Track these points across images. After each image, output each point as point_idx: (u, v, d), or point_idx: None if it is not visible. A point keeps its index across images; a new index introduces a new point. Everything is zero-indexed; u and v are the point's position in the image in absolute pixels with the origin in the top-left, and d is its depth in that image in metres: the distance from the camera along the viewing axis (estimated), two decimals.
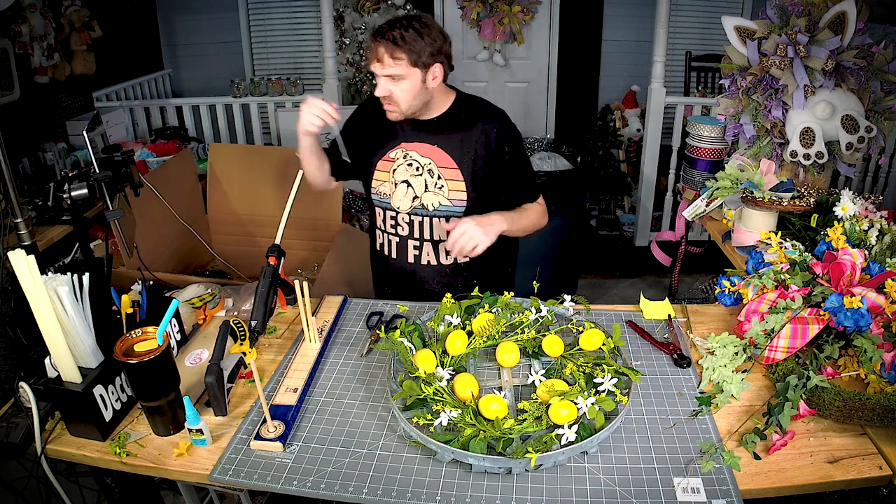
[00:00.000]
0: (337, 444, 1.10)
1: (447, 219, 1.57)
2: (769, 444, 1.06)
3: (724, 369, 1.21)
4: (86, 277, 1.12)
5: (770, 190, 1.70)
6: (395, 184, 1.60)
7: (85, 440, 1.12)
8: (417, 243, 1.63)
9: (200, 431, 1.09)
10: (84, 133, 1.40)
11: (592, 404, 1.06)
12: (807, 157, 1.76)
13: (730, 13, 3.55)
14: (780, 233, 1.55)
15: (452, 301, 1.35)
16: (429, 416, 1.07)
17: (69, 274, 1.09)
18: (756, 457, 1.04)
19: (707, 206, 1.82)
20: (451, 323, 1.30)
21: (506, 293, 1.37)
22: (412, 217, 1.61)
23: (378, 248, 1.73)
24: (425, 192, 1.58)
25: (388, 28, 1.42)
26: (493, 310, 1.34)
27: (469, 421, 1.06)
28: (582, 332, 1.27)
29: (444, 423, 1.06)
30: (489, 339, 1.28)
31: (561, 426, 1.04)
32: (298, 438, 1.11)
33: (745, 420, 1.13)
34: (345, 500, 0.99)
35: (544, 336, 1.27)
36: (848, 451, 1.05)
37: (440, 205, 1.58)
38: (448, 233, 1.45)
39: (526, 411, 1.09)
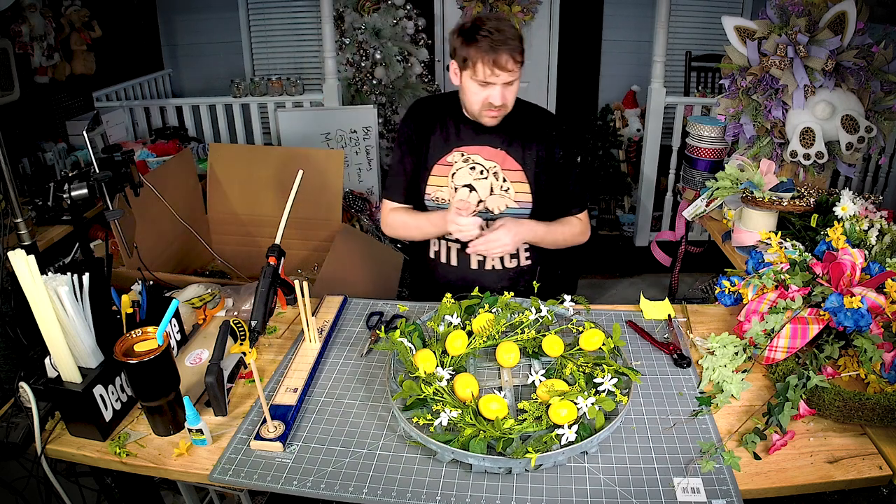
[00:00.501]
0: (337, 444, 1.10)
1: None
2: (769, 444, 1.06)
3: (724, 369, 1.21)
4: (86, 277, 1.12)
5: (770, 190, 1.70)
6: (456, 188, 1.57)
7: (85, 440, 1.12)
8: None
9: (200, 431, 1.09)
10: (84, 133, 1.39)
11: (592, 404, 1.06)
12: (807, 157, 1.76)
13: (730, 13, 3.54)
14: (780, 233, 1.55)
15: (452, 301, 1.35)
16: (429, 416, 1.07)
17: (69, 274, 1.09)
18: (756, 457, 1.04)
19: (707, 206, 1.83)
20: (451, 323, 1.30)
21: (506, 293, 1.38)
22: None
23: (432, 255, 1.67)
24: (490, 195, 1.56)
25: (497, 32, 1.38)
26: (493, 310, 1.35)
27: (469, 421, 1.06)
28: (582, 332, 1.27)
29: (444, 423, 1.06)
30: (489, 339, 1.28)
31: (561, 426, 1.04)
32: (298, 438, 1.11)
33: (745, 420, 1.13)
34: (345, 500, 0.99)
35: (544, 336, 1.27)
36: (848, 451, 1.05)
37: (507, 207, 1.56)
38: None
39: (526, 411, 1.09)
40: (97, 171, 1.38)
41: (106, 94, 3.67)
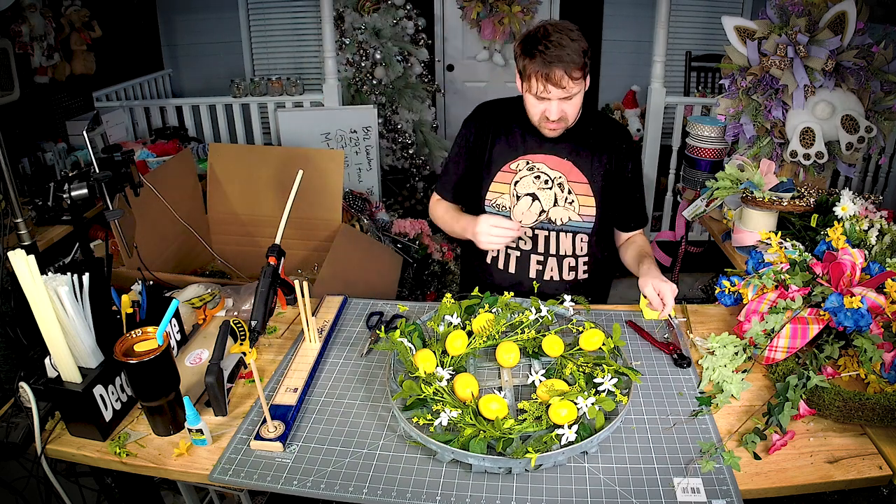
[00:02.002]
0: (337, 444, 1.10)
1: (574, 234, 1.56)
2: (769, 444, 1.06)
3: (724, 369, 1.21)
4: (86, 277, 1.12)
5: (770, 190, 1.70)
6: (518, 196, 1.54)
7: (85, 440, 1.12)
8: (541, 258, 1.58)
9: (200, 431, 1.09)
10: (84, 133, 1.39)
11: (592, 404, 1.06)
12: (807, 157, 1.76)
13: (730, 13, 3.54)
14: (780, 233, 1.55)
15: (452, 301, 1.35)
16: (429, 416, 1.07)
17: (69, 274, 1.09)
18: (756, 457, 1.04)
19: (707, 206, 1.83)
20: (451, 323, 1.30)
21: (506, 293, 1.37)
22: (537, 231, 1.56)
23: (489, 260, 1.65)
24: (554, 205, 1.53)
25: (554, 47, 1.32)
26: (493, 310, 1.34)
27: (469, 421, 1.06)
28: (582, 332, 1.27)
29: (444, 423, 1.06)
30: (489, 339, 1.28)
31: (561, 426, 1.04)
32: (298, 438, 1.11)
33: (745, 420, 1.13)
34: (345, 500, 0.99)
35: (544, 336, 1.27)
36: (848, 451, 1.05)
37: (570, 220, 1.54)
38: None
39: (526, 411, 1.09)
40: (97, 171, 1.38)
41: (106, 94, 3.67)
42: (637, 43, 4.39)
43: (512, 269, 1.62)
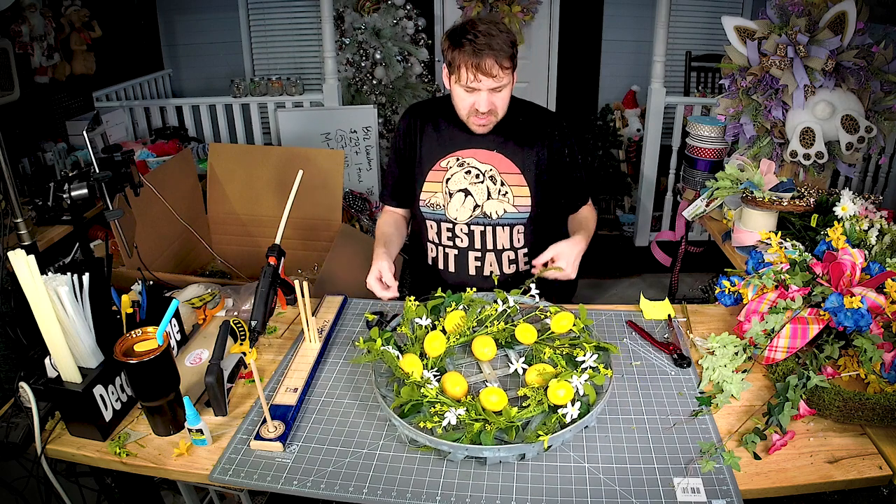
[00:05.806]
0: (337, 444, 1.10)
1: (511, 227, 1.55)
2: (769, 444, 1.06)
3: (724, 369, 1.21)
4: (86, 277, 1.12)
5: (770, 190, 1.70)
6: (450, 193, 1.54)
7: (85, 440, 1.12)
8: (479, 254, 1.59)
9: (200, 431, 1.09)
10: (84, 133, 1.39)
11: (586, 381, 1.10)
12: (807, 157, 1.76)
13: (730, 13, 3.54)
14: (780, 233, 1.55)
15: (418, 304, 1.34)
16: (436, 419, 1.06)
17: (69, 274, 1.09)
18: (756, 457, 1.04)
19: (707, 206, 1.83)
20: (422, 325, 1.29)
21: (468, 290, 1.37)
22: (472, 227, 1.56)
23: (430, 262, 1.66)
24: (488, 199, 1.53)
25: (483, 36, 1.33)
26: (460, 307, 1.35)
27: (474, 416, 1.06)
28: (549, 316, 1.29)
29: (453, 421, 1.05)
30: (461, 336, 1.28)
31: (562, 405, 1.07)
32: (298, 438, 1.11)
33: (745, 420, 1.13)
34: (345, 500, 0.99)
35: (515, 325, 1.29)
36: (848, 451, 1.05)
37: (505, 212, 1.54)
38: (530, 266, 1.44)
39: (528, 397, 1.11)
40: (97, 171, 1.38)
41: (106, 94, 3.67)
42: (637, 43, 4.39)
43: (452, 268, 1.63)
